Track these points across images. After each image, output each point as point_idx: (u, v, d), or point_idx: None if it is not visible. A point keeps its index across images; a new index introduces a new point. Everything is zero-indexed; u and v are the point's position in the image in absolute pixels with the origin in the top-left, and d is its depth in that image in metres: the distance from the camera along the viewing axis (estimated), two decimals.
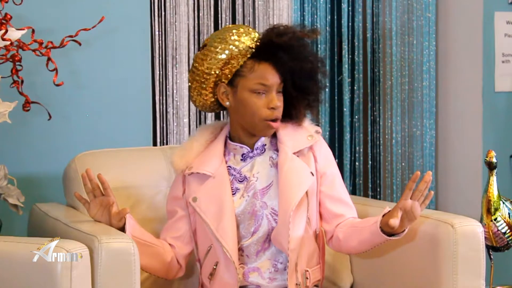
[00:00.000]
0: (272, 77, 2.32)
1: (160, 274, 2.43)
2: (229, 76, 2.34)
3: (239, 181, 2.38)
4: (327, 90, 3.59)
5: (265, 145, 2.40)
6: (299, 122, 2.40)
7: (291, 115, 2.39)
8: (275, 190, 2.35)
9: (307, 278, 2.34)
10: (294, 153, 2.36)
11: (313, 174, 2.37)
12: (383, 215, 2.28)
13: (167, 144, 3.34)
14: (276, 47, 2.33)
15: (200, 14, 3.41)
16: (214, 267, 2.34)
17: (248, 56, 2.34)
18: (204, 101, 2.39)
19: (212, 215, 2.32)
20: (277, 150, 2.40)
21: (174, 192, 2.45)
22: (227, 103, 2.37)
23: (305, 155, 2.39)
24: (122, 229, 2.28)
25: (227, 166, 2.39)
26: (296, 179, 2.33)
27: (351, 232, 2.38)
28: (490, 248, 3.19)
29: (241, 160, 2.39)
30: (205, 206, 2.33)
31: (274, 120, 2.34)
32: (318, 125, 2.45)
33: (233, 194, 2.36)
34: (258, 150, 2.39)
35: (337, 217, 2.42)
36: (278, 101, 2.32)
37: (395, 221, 2.23)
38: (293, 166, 2.34)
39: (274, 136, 2.41)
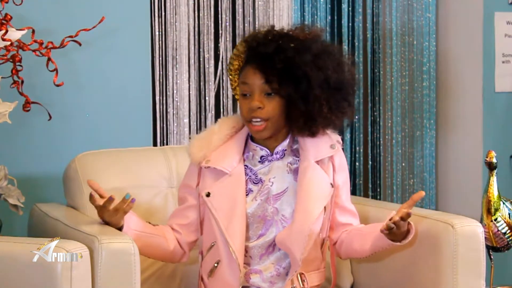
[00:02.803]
0: (252, 77, 2.28)
1: (165, 261, 2.46)
2: (234, 83, 2.38)
3: (254, 182, 2.35)
4: None
5: (285, 150, 2.36)
6: (295, 133, 2.34)
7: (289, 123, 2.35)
8: (289, 197, 2.33)
9: (303, 280, 2.33)
10: (315, 162, 2.33)
11: (332, 186, 2.35)
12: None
13: (167, 144, 3.34)
14: (256, 47, 2.30)
15: (200, 15, 3.41)
16: (216, 265, 2.33)
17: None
18: None
19: (224, 214, 2.30)
20: (296, 156, 2.37)
21: (187, 181, 2.41)
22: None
23: (325, 164, 2.35)
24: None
25: (244, 165, 2.36)
26: (317, 190, 2.30)
27: (355, 235, 2.38)
28: (490, 248, 3.19)
29: (259, 162, 2.36)
30: (218, 203, 2.31)
31: (253, 122, 2.28)
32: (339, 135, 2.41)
33: (246, 194, 2.34)
34: (277, 155, 2.36)
35: (344, 226, 2.42)
36: (256, 101, 2.27)
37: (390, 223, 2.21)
38: (315, 176, 2.31)
39: (295, 141, 2.38)
